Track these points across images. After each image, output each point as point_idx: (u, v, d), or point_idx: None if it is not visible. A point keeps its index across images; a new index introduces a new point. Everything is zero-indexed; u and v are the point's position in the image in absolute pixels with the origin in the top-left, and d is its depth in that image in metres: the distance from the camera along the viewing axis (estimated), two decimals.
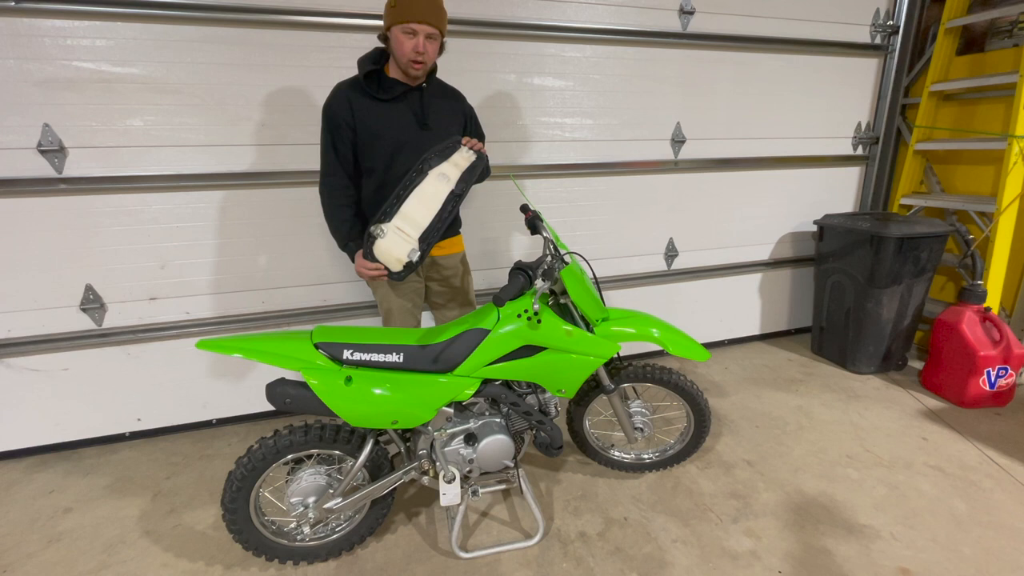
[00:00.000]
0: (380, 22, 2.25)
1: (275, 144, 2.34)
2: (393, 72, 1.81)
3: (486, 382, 1.71)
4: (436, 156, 1.72)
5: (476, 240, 2.71)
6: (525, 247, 2.85)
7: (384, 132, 1.81)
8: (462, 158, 1.75)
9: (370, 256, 1.74)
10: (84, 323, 2.31)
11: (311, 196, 2.42)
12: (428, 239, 1.73)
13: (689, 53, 2.85)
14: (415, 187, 1.70)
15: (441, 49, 1.80)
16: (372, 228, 1.71)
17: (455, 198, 1.73)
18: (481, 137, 2.08)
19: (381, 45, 1.81)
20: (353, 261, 1.87)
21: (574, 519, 1.96)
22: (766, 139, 3.16)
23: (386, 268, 1.76)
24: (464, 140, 1.76)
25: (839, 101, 3.26)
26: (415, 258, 1.72)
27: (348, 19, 2.27)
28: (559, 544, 1.84)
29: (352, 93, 1.78)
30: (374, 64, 1.79)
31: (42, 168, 2.11)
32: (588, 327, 1.77)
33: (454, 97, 1.97)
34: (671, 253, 3.17)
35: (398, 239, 1.71)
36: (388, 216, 1.71)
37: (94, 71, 2.07)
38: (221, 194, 2.33)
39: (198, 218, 2.33)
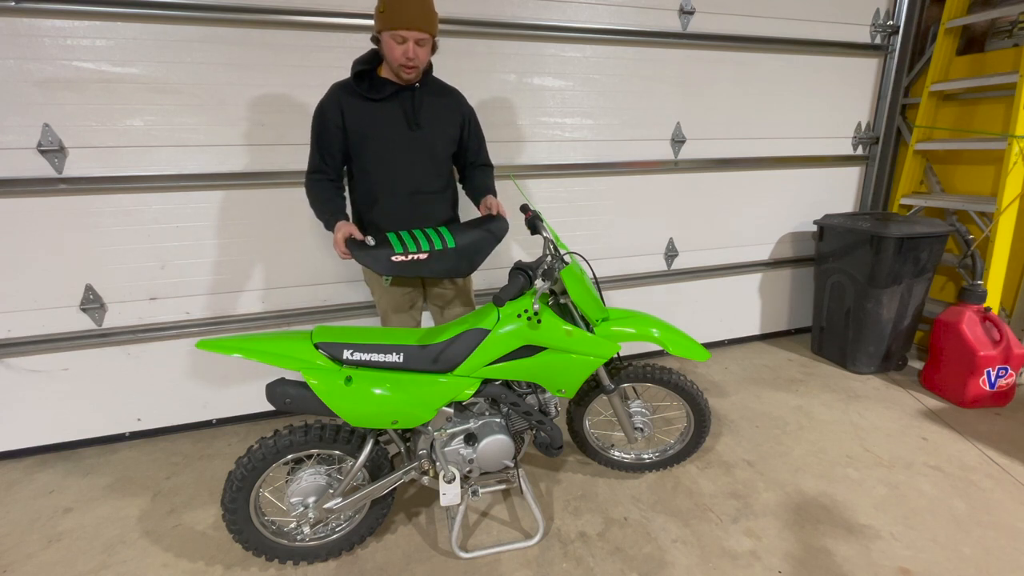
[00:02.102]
0: None
1: (275, 144, 2.34)
2: (385, 72, 1.80)
3: (486, 382, 1.71)
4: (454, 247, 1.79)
5: None
6: (525, 247, 2.85)
7: (373, 132, 1.79)
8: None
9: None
10: (84, 323, 2.31)
11: None
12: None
13: (689, 53, 2.85)
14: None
15: (433, 49, 1.78)
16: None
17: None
18: (480, 139, 2.06)
19: (374, 47, 1.79)
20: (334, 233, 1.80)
21: (574, 519, 1.96)
22: (766, 139, 3.16)
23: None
24: (489, 204, 1.91)
25: (839, 101, 3.26)
26: (369, 242, 1.72)
27: (348, 19, 2.26)
28: (559, 544, 1.84)
29: (344, 94, 1.77)
30: (366, 64, 1.78)
31: (42, 168, 2.11)
32: (588, 327, 1.77)
33: (451, 96, 1.93)
34: (671, 253, 3.17)
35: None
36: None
37: (94, 71, 2.07)
38: (221, 194, 2.33)
39: (198, 218, 2.33)
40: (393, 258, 1.67)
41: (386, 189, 1.86)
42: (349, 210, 1.95)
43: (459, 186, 2.14)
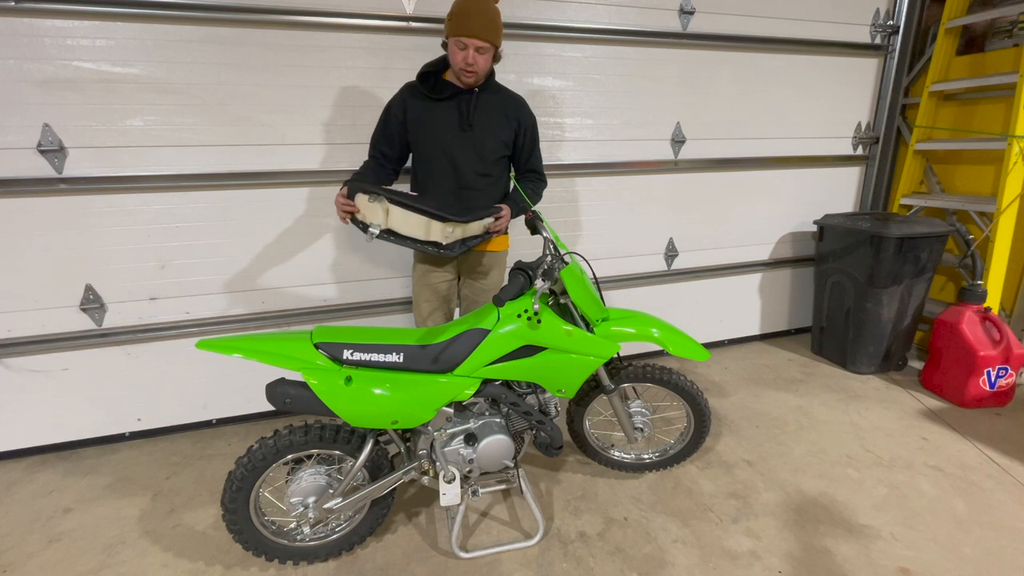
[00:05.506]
0: (378, 22, 2.32)
1: (275, 144, 2.34)
2: (450, 76, 1.92)
3: (486, 382, 1.71)
4: (460, 214, 1.80)
5: None
6: (525, 247, 2.85)
7: (428, 129, 1.92)
8: (478, 226, 1.85)
9: (352, 195, 1.76)
10: (84, 323, 2.31)
11: (311, 196, 2.44)
12: (389, 239, 1.81)
13: (689, 53, 2.85)
14: (425, 216, 1.77)
15: (497, 58, 1.88)
16: (375, 192, 1.74)
17: (435, 247, 1.83)
18: (533, 148, 2.10)
19: (444, 52, 1.90)
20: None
21: (574, 519, 1.96)
22: (766, 139, 3.16)
23: (354, 217, 1.79)
24: (499, 213, 1.89)
25: (839, 101, 3.26)
26: (374, 234, 1.77)
27: (348, 19, 2.27)
28: (559, 544, 1.84)
29: (409, 93, 1.94)
30: (433, 67, 1.90)
31: (42, 168, 2.11)
32: (588, 327, 1.77)
33: (512, 103, 2.01)
34: (671, 253, 3.17)
35: (377, 213, 1.76)
36: (395, 201, 1.75)
37: (94, 71, 2.07)
38: (221, 194, 2.33)
39: (198, 218, 2.33)
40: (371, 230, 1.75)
41: (435, 180, 1.98)
42: (408, 189, 2.03)
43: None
